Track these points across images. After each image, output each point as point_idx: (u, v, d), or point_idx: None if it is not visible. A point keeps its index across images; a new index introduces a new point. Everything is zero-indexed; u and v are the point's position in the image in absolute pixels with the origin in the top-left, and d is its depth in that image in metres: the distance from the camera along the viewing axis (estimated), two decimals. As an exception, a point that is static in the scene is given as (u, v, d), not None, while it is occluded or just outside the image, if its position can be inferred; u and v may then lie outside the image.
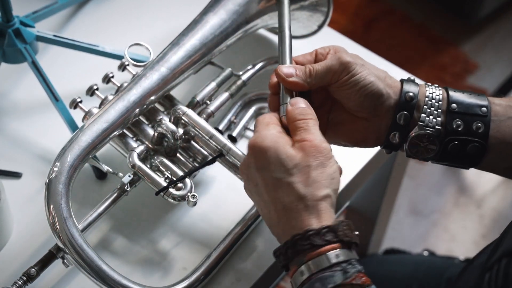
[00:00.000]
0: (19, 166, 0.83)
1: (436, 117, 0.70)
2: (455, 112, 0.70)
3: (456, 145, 0.71)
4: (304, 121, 0.68)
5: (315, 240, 0.63)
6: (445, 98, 0.71)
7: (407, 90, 0.71)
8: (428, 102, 0.70)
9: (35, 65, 0.86)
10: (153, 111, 0.81)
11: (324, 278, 0.62)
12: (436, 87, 0.72)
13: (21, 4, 0.93)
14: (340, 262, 0.62)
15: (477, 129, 0.70)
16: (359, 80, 0.70)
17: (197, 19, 0.83)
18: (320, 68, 0.71)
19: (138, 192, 0.78)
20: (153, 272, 0.77)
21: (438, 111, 0.70)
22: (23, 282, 0.70)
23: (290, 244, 0.64)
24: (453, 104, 0.70)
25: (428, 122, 0.70)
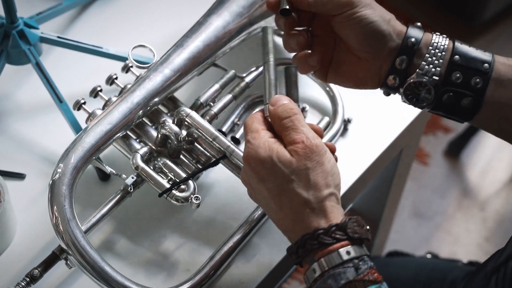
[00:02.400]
0: (22, 167, 0.83)
1: (436, 67, 0.70)
2: (457, 64, 0.69)
3: (451, 96, 0.70)
4: (290, 119, 0.67)
5: (325, 239, 0.63)
6: (450, 49, 0.70)
7: (410, 35, 0.70)
8: (431, 50, 0.70)
9: (39, 66, 0.86)
10: (156, 112, 0.81)
11: (337, 275, 0.62)
12: (443, 37, 0.71)
13: (25, 5, 0.93)
14: (352, 259, 0.63)
15: (475, 84, 0.69)
16: (361, 17, 0.70)
17: (201, 21, 0.83)
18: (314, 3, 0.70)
19: (141, 193, 0.78)
20: (156, 274, 0.77)
21: (439, 61, 0.70)
22: (26, 283, 0.70)
23: (300, 243, 0.64)
24: (456, 56, 0.69)
25: (427, 70, 0.70)
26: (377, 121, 0.90)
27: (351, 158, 0.86)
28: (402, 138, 0.91)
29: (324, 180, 0.65)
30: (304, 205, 0.65)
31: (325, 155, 0.66)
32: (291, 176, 0.65)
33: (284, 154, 0.65)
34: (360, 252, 0.63)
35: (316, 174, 0.65)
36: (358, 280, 0.62)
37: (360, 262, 0.63)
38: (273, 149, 0.66)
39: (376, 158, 0.87)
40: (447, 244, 1.67)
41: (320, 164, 0.65)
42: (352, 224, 0.64)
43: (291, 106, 0.68)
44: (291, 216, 0.66)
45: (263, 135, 0.67)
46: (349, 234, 0.63)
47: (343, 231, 0.63)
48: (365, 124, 0.89)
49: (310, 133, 0.67)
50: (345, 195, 0.85)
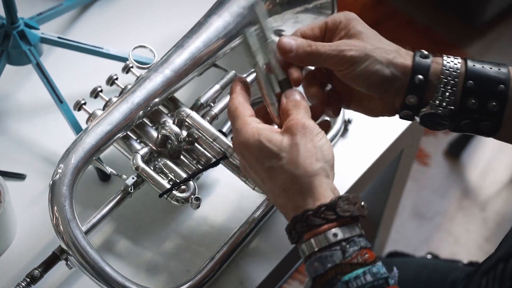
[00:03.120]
0: (23, 167, 0.83)
1: (450, 97, 0.68)
2: (471, 89, 0.68)
3: (468, 123, 0.69)
4: (296, 106, 0.68)
5: (314, 220, 0.62)
6: (463, 73, 0.69)
7: (416, 71, 0.69)
8: (443, 79, 0.68)
9: (40, 67, 0.86)
10: (157, 113, 0.81)
11: (323, 258, 0.62)
12: (455, 61, 0.69)
13: (25, 6, 0.93)
14: (340, 241, 0.61)
15: (492, 107, 0.68)
16: (362, 72, 0.69)
17: (202, 21, 0.83)
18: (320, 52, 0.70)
19: (141, 194, 0.78)
20: (157, 274, 0.77)
21: (453, 90, 0.68)
22: (26, 284, 0.70)
23: (292, 226, 0.64)
24: (470, 81, 0.68)
25: (441, 102, 0.69)
26: (377, 122, 0.90)
27: (351, 159, 0.86)
28: (402, 139, 0.91)
29: (314, 154, 0.65)
30: (292, 182, 0.64)
31: (317, 134, 0.66)
32: (281, 154, 0.65)
33: (274, 135, 0.66)
34: (350, 233, 0.62)
35: (305, 149, 0.64)
36: (345, 264, 0.61)
37: (348, 244, 0.61)
38: (261, 134, 0.66)
39: (377, 158, 0.87)
40: (447, 245, 1.67)
41: (311, 140, 0.65)
42: (343, 202, 0.62)
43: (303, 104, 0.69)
44: (283, 195, 0.65)
45: (250, 122, 0.68)
46: (339, 214, 0.62)
47: (333, 211, 0.62)
48: (365, 124, 0.89)
49: (304, 114, 0.67)
50: (346, 196, 0.85)
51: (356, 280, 0.60)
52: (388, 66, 0.69)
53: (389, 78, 0.70)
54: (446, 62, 0.69)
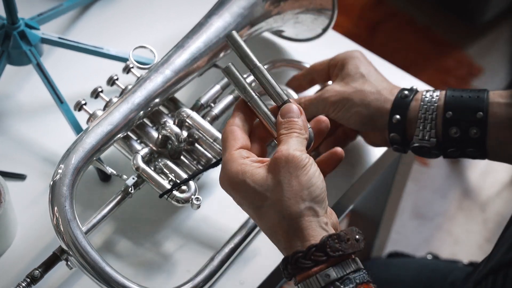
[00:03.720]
0: (23, 168, 0.83)
1: (431, 129, 0.73)
2: (451, 120, 0.72)
3: (454, 151, 0.74)
4: (286, 135, 0.65)
5: (304, 263, 0.61)
6: (441, 105, 0.73)
7: (394, 111, 0.75)
8: (422, 115, 0.73)
9: (40, 67, 0.86)
10: (157, 113, 0.81)
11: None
12: (435, 94, 0.74)
13: (26, 6, 0.93)
14: (333, 281, 0.60)
15: (473, 135, 0.71)
16: (345, 114, 0.77)
17: (202, 21, 0.83)
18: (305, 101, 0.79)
19: (142, 194, 0.78)
20: (157, 274, 0.77)
21: (432, 123, 0.73)
22: (27, 284, 0.70)
23: (283, 267, 0.63)
24: (449, 111, 0.72)
25: (423, 135, 0.73)
26: (377, 122, 0.90)
27: (352, 159, 0.86)
28: (402, 139, 0.91)
29: (299, 193, 0.62)
30: (279, 224, 0.62)
31: (303, 167, 0.63)
32: (266, 194, 0.62)
33: (258, 174, 0.63)
34: (344, 271, 0.60)
35: (290, 189, 0.62)
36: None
37: (342, 284, 0.60)
38: (245, 172, 0.64)
39: (377, 158, 0.87)
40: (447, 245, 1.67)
41: (296, 175, 0.62)
42: (333, 241, 0.61)
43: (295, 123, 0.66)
44: (272, 235, 0.64)
45: (235, 158, 0.65)
46: (330, 254, 0.60)
47: (323, 252, 0.60)
48: (365, 125, 0.89)
49: (296, 146, 0.64)
50: (346, 196, 0.85)
51: None
52: (366, 108, 0.77)
53: (369, 118, 0.77)
54: (424, 97, 0.75)
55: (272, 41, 0.97)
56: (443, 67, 1.95)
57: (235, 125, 0.67)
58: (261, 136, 0.69)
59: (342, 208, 0.87)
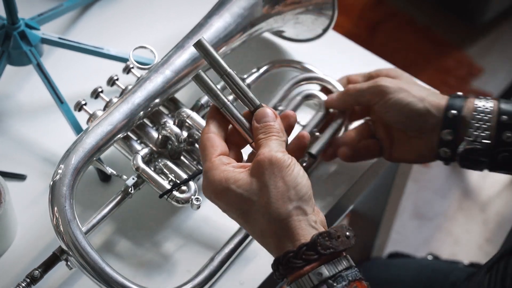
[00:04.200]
0: (23, 168, 0.83)
1: (485, 131, 0.72)
2: (505, 123, 0.71)
3: (506, 156, 0.72)
4: (265, 139, 0.65)
5: (295, 262, 0.61)
6: (496, 110, 0.72)
7: (450, 107, 0.73)
8: (476, 116, 0.72)
9: (40, 67, 0.86)
10: (157, 114, 0.81)
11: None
12: (487, 100, 0.74)
13: (26, 6, 0.93)
14: (326, 279, 0.60)
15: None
16: (396, 102, 0.74)
17: (202, 22, 0.83)
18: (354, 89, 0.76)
19: (142, 194, 0.78)
20: (157, 275, 0.77)
21: (487, 125, 0.72)
22: (26, 284, 0.70)
23: (275, 268, 0.63)
24: (504, 115, 0.71)
25: (476, 136, 0.72)
26: (378, 123, 0.90)
27: (351, 160, 0.86)
28: (403, 140, 0.91)
29: (285, 195, 0.62)
30: (268, 227, 0.62)
31: (287, 167, 0.62)
32: (252, 198, 0.62)
33: (242, 179, 0.63)
34: (336, 268, 0.60)
35: (276, 191, 0.62)
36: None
37: (335, 281, 0.60)
38: (229, 179, 0.63)
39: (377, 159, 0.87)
40: (447, 245, 1.67)
41: (281, 176, 0.62)
42: (324, 239, 0.60)
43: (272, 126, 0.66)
44: (262, 238, 0.64)
45: (217, 165, 0.64)
46: (321, 252, 0.60)
47: (314, 250, 0.60)
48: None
49: (277, 147, 0.64)
50: (346, 196, 0.85)
51: None
52: (421, 101, 0.74)
53: (423, 113, 0.74)
54: (478, 101, 0.74)
55: (272, 41, 0.97)
56: (443, 67, 1.95)
57: (211, 132, 0.67)
58: (236, 142, 0.68)
59: (342, 208, 0.87)
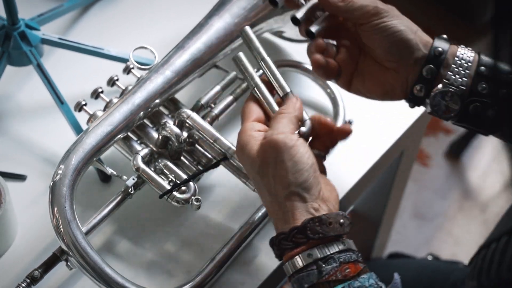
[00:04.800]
0: (23, 168, 0.83)
1: (463, 77, 0.70)
2: (483, 75, 0.70)
3: (477, 106, 0.70)
4: (275, 120, 0.68)
5: (285, 244, 0.63)
6: (476, 60, 0.71)
7: (437, 45, 0.72)
8: (457, 61, 0.71)
9: (40, 67, 0.86)
10: (157, 114, 0.81)
11: (300, 279, 0.63)
12: (469, 49, 0.72)
13: (26, 6, 0.93)
14: (316, 260, 0.62)
15: (502, 95, 0.69)
16: (388, 26, 0.71)
17: (202, 22, 0.83)
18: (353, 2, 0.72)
19: (142, 195, 0.78)
20: (157, 275, 0.77)
21: (466, 72, 0.70)
22: (26, 285, 0.70)
23: (271, 246, 0.66)
24: (482, 67, 0.70)
25: (453, 80, 0.70)
26: (378, 123, 0.90)
27: (352, 160, 0.86)
28: (403, 140, 0.91)
29: (284, 179, 0.64)
30: (271, 203, 0.66)
31: (288, 151, 0.64)
32: (259, 173, 0.66)
33: (252, 152, 0.66)
34: (329, 251, 0.62)
35: (275, 173, 0.64)
36: (322, 282, 0.61)
37: (325, 263, 0.61)
38: (247, 145, 0.67)
39: (377, 159, 0.87)
40: (448, 246, 1.67)
41: (280, 161, 0.64)
42: (314, 224, 0.62)
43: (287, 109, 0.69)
44: (268, 211, 0.68)
45: (246, 129, 0.68)
46: (309, 236, 0.62)
47: (303, 234, 0.62)
48: (366, 125, 0.89)
49: (283, 128, 0.66)
50: (347, 197, 0.85)
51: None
52: (412, 34, 0.72)
53: (411, 44, 0.71)
54: (461, 48, 0.72)
55: (273, 42, 0.97)
56: (444, 68, 1.95)
57: (251, 100, 0.72)
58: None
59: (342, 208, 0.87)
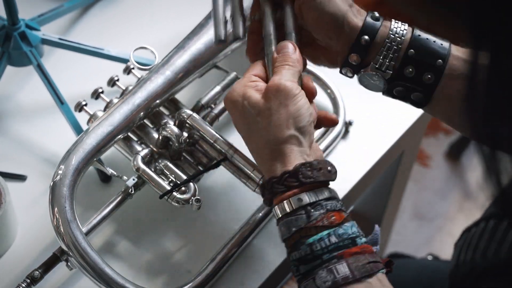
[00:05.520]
0: (24, 168, 0.83)
1: (391, 61, 0.70)
2: (411, 58, 0.70)
3: (401, 90, 0.71)
4: (280, 66, 0.69)
5: (277, 187, 0.64)
6: (407, 40, 0.70)
7: (364, 32, 0.71)
8: (387, 44, 0.70)
9: (41, 68, 0.86)
10: (157, 114, 0.81)
11: (288, 222, 0.63)
12: (403, 27, 0.71)
13: (27, 7, 0.93)
14: (305, 205, 0.63)
15: (427, 80, 0.70)
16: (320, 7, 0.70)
17: (203, 22, 0.83)
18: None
19: (142, 195, 0.78)
20: (157, 275, 0.77)
21: (394, 55, 0.70)
22: (27, 285, 0.70)
23: (261, 190, 0.67)
24: (411, 49, 0.70)
25: (381, 65, 0.70)
26: (378, 124, 0.90)
27: (352, 161, 0.86)
28: (403, 140, 0.91)
29: (285, 121, 0.65)
30: (265, 147, 0.66)
31: (293, 97, 0.66)
32: (257, 117, 0.66)
33: (254, 96, 0.67)
34: (317, 197, 0.63)
35: (278, 115, 0.65)
36: (309, 227, 0.62)
37: (313, 208, 0.63)
38: (246, 92, 0.67)
39: (377, 160, 0.87)
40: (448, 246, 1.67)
41: (285, 104, 0.66)
42: (306, 169, 0.64)
43: (289, 57, 0.70)
44: (258, 157, 0.68)
45: (243, 80, 0.69)
46: (301, 180, 0.63)
47: (295, 178, 0.64)
48: (366, 126, 0.89)
49: (287, 77, 0.67)
50: (347, 197, 0.85)
51: (320, 242, 0.61)
52: (341, 16, 0.71)
53: (339, 30, 0.71)
54: (393, 27, 0.71)
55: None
56: (444, 68, 1.95)
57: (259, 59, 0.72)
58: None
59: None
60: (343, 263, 0.60)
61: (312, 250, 0.61)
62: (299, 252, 0.62)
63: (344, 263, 0.60)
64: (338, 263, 0.60)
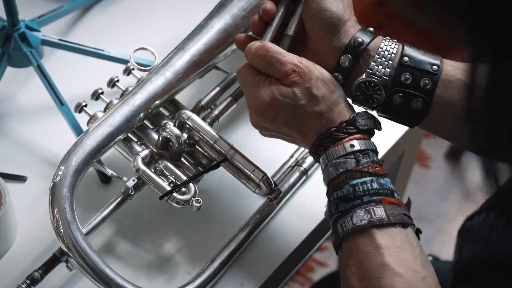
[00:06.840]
0: (24, 169, 0.83)
1: (386, 68, 0.71)
2: (406, 65, 0.71)
3: (401, 97, 0.71)
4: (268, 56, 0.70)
5: (337, 134, 0.68)
6: (399, 51, 0.72)
7: (357, 36, 0.72)
8: (381, 52, 0.72)
9: (41, 69, 0.86)
10: (157, 115, 0.81)
11: (337, 164, 0.67)
12: (394, 42, 0.73)
13: (27, 8, 0.93)
14: (355, 151, 0.67)
15: (425, 85, 0.71)
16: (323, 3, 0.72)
17: (202, 23, 0.83)
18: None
19: (142, 196, 0.78)
20: (157, 276, 0.77)
21: (388, 62, 0.72)
22: (27, 286, 0.70)
23: (318, 143, 0.69)
24: (405, 57, 0.72)
25: (376, 70, 0.71)
26: (378, 124, 0.90)
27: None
28: (403, 141, 0.91)
29: (327, 89, 0.69)
30: (320, 118, 0.69)
31: (315, 69, 0.70)
32: (300, 102, 0.69)
33: (285, 89, 0.69)
34: (366, 146, 0.67)
35: (318, 89, 0.69)
36: (355, 170, 0.66)
37: (362, 155, 0.67)
38: (273, 90, 0.70)
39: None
40: (448, 247, 1.67)
41: (316, 78, 0.69)
42: (361, 118, 0.68)
43: (262, 45, 0.71)
44: (314, 134, 0.69)
45: (259, 82, 0.71)
46: (359, 127, 0.68)
47: (353, 125, 0.68)
48: (366, 127, 0.89)
49: (294, 58, 0.70)
50: (346, 198, 0.85)
51: (363, 185, 0.65)
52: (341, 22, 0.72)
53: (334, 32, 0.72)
54: (384, 40, 0.73)
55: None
56: (444, 69, 1.95)
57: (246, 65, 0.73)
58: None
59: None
60: (381, 207, 0.64)
61: (355, 190, 0.65)
62: (341, 191, 0.66)
63: (382, 207, 0.64)
64: (376, 206, 0.64)
